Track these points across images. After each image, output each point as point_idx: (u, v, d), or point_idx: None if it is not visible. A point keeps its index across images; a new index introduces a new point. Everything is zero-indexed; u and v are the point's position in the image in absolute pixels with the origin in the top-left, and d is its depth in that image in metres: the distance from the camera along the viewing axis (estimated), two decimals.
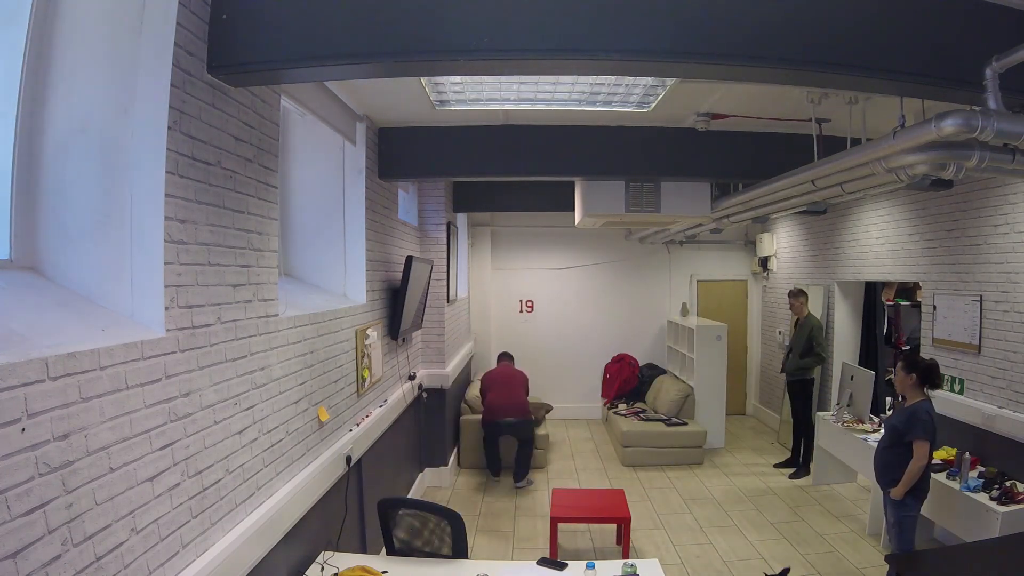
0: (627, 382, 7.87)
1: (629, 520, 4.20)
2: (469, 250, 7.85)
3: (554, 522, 4.22)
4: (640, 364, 8.17)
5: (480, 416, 6.00)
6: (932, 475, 3.86)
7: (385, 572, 2.63)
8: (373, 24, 1.90)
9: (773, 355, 7.59)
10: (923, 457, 3.32)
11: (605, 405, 7.83)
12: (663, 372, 7.92)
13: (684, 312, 8.14)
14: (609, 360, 8.27)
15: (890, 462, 3.47)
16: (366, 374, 3.73)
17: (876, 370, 5.54)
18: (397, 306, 4.17)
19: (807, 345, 5.89)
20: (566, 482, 5.84)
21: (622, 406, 7.41)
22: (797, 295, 6.15)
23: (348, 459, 3.19)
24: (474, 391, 6.52)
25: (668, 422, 6.63)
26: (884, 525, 4.00)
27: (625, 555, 4.08)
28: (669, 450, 6.38)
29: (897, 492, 3.38)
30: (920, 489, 3.42)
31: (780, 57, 1.98)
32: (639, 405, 7.41)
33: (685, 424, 6.61)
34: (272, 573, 2.31)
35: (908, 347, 6.29)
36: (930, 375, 3.45)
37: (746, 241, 8.44)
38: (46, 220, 1.68)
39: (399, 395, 4.55)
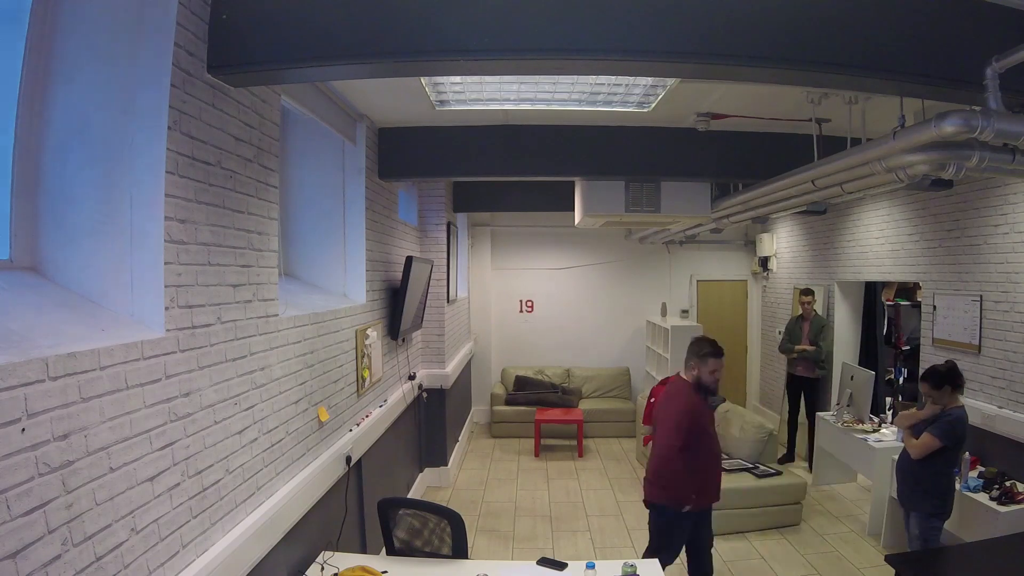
0: None
1: None
2: (469, 250, 7.85)
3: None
4: None
5: None
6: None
7: (385, 572, 2.63)
8: (373, 24, 1.90)
9: (773, 355, 7.59)
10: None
11: (649, 441, 6.23)
12: (722, 400, 6.02)
13: (664, 312, 8.13)
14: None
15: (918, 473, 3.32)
16: (366, 374, 3.73)
17: (876, 370, 5.54)
18: (397, 306, 4.17)
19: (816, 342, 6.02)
20: None
21: None
22: (807, 293, 6.17)
23: (348, 459, 3.19)
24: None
25: (757, 472, 4.96)
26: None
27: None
28: (761, 511, 4.77)
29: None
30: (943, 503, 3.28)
31: (780, 57, 1.98)
32: None
33: (779, 474, 4.96)
34: (272, 573, 2.31)
35: (908, 347, 6.29)
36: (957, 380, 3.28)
37: (746, 241, 8.43)
38: (46, 220, 1.68)
39: (399, 395, 4.55)
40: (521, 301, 8.47)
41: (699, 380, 3.20)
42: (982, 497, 3.51)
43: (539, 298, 8.46)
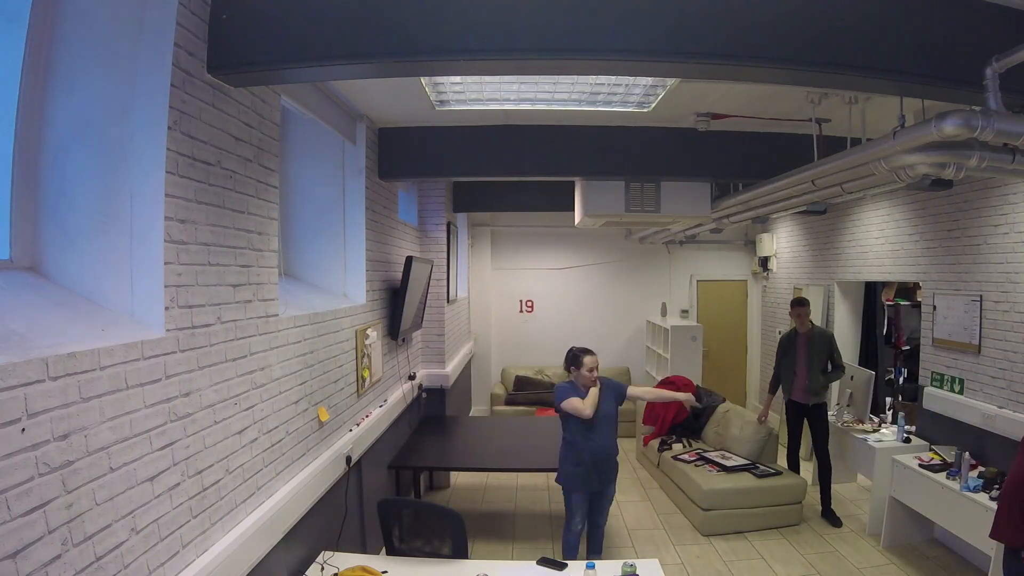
0: (679, 413, 6.10)
1: None
2: (469, 250, 7.85)
3: None
4: (696, 387, 6.40)
5: None
6: (931, 475, 3.90)
7: (385, 572, 2.64)
8: (373, 24, 1.90)
9: (773, 355, 7.57)
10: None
11: (649, 441, 6.19)
12: (722, 400, 6.24)
13: (664, 312, 8.15)
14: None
15: None
16: (366, 374, 3.73)
17: (876, 370, 5.54)
18: (397, 306, 4.17)
19: (826, 360, 5.01)
20: None
21: (677, 446, 5.77)
22: (802, 304, 5.19)
23: (348, 459, 3.19)
24: None
25: (756, 471, 4.94)
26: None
27: None
28: (761, 511, 4.76)
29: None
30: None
31: (780, 57, 1.98)
32: (699, 445, 5.77)
33: (779, 473, 4.95)
34: (272, 573, 2.31)
35: (908, 347, 6.29)
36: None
37: (746, 241, 8.44)
38: (46, 220, 1.68)
39: (399, 395, 4.55)
40: (521, 301, 8.47)
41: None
42: (982, 497, 3.51)
43: (539, 298, 8.46)
